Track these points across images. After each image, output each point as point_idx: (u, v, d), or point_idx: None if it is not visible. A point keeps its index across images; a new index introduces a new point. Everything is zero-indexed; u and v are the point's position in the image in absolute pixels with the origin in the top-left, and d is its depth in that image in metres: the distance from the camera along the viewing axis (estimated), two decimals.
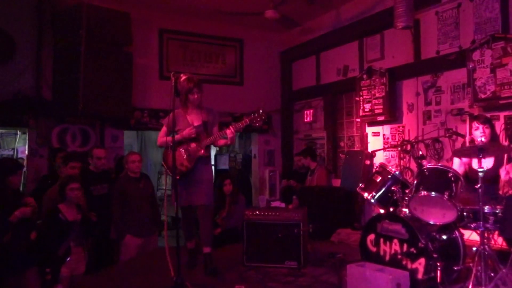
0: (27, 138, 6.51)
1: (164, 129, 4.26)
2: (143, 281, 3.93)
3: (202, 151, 4.07)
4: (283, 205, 5.34)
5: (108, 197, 5.14)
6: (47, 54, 6.34)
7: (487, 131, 4.01)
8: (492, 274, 3.36)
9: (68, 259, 4.09)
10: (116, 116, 6.71)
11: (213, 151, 10.01)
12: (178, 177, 3.99)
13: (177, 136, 3.99)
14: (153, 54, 7.44)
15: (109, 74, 6.19)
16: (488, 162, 3.60)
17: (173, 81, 3.81)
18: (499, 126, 4.81)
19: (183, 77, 4.06)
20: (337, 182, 7.10)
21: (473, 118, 4.24)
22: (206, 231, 4.20)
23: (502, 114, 4.84)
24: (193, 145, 4.09)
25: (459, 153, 4.17)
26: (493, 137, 4.06)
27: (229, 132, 3.99)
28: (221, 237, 5.49)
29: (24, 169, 6.06)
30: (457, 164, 4.20)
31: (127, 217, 5.03)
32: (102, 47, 6.15)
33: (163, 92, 6.92)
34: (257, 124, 4.07)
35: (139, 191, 5.12)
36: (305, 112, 8.13)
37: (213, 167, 4.88)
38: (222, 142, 4.16)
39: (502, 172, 3.93)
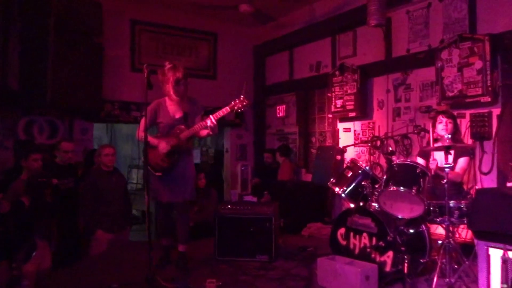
0: None
1: (144, 120, 3.99)
2: (113, 276, 3.87)
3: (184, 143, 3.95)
4: (255, 199, 5.37)
5: (74, 191, 5.03)
6: (14, 42, 6.11)
7: (450, 125, 4.12)
8: (456, 266, 3.50)
9: (34, 253, 3.99)
10: (85, 108, 6.55)
11: None
12: (159, 174, 3.90)
13: (153, 140, 3.92)
14: (125, 46, 7.29)
15: (78, 64, 6.03)
16: (452, 158, 3.71)
17: (145, 73, 3.72)
18: (465, 123, 4.97)
19: (168, 66, 3.91)
20: (308, 177, 7.18)
21: (439, 112, 4.36)
22: (185, 228, 4.16)
23: (468, 112, 5.00)
24: (173, 140, 3.94)
25: (422, 154, 4.29)
26: (455, 132, 4.18)
27: (210, 121, 3.82)
28: (193, 231, 5.45)
29: None
30: (421, 159, 4.30)
31: (98, 212, 4.94)
32: (71, 37, 5.98)
33: (134, 85, 6.84)
34: (239, 110, 3.88)
35: (112, 185, 5.04)
36: (278, 107, 8.17)
37: None
38: (204, 133, 4.00)
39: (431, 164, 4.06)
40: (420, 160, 4.22)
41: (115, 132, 10.23)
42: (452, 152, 3.68)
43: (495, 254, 2.76)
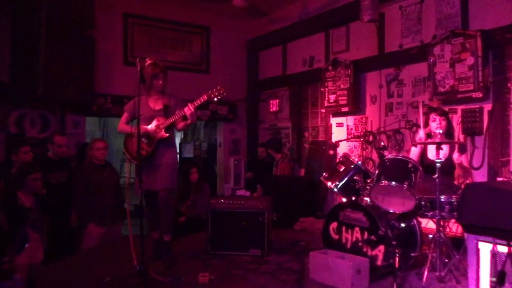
0: None
1: (125, 115, 4.20)
2: (105, 270, 3.87)
3: (162, 132, 4.00)
4: (248, 193, 5.38)
5: (67, 185, 5.01)
6: (4, 35, 6.05)
7: (444, 123, 4.16)
8: (446, 260, 3.54)
9: (26, 245, 3.97)
10: (77, 102, 6.52)
11: (178, 139, 9.92)
12: (136, 162, 3.92)
13: (131, 128, 4.02)
14: (117, 39, 7.24)
15: (70, 57, 5.99)
16: (443, 153, 3.75)
17: (139, 67, 3.72)
18: (456, 119, 5.01)
19: (148, 62, 3.98)
20: (301, 172, 7.21)
21: (431, 110, 4.39)
22: (167, 217, 4.14)
23: (459, 108, 5.03)
24: (152, 128, 4.03)
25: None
26: (449, 129, 4.22)
27: (187, 109, 3.93)
28: (186, 226, 5.48)
29: None
30: (413, 154, 4.34)
31: (90, 206, 4.93)
32: (63, 30, 5.93)
33: (127, 78, 6.80)
34: (214, 99, 3.97)
35: (104, 179, 5.03)
36: (271, 101, 8.17)
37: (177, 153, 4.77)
38: (182, 124, 4.10)
39: (455, 155, 4.10)
40: (414, 149, 4.25)
41: (107, 126, 10.18)
42: (443, 147, 3.72)
43: (485, 248, 2.79)
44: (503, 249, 2.66)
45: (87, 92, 6.41)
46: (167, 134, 4.07)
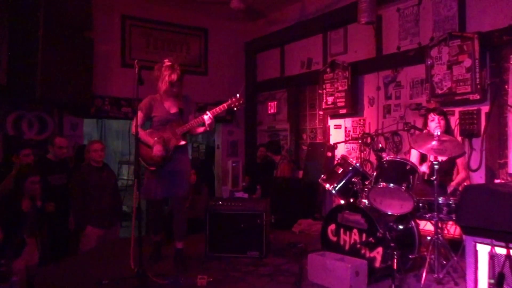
0: None
1: (140, 115, 3.95)
2: (103, 272, 3.86)
3: (180, 140, 3.91)
4: (246, 195, 5.37)
5: (66, 187, 5.00)
6: (2, 36, 6.04)
7: (442, 122, 4.16)
8: (444, 262, 3.54)
9: (23, 250, 3.96)
10: (75, 103, 6.51)
11: None
12: (153, 168, 3.85)
13: (147, 138, 3.85)
14: (115, 41, 7.25)
15: (68, 59, 5.98)
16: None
17: (136, 69, 3.68)
18: (454, 121, 5.02)
19: (167, 63, 3.88)
20: (299, 174, 7.20)
21: (430, 110, 4.40)
22: (181, 224, 4.11)
23: (457, 110, 5.05)
24: (168, 134, 3.91)
25: (416, 144, 4.31)
26: (447, 129, 4.23)
27: (207, 118, 3.81)
28: None
29: None
30: (414, 156, 4.34)
31: (88, 208, 4.92)
32: (61, 31, 5.92)
33: (125, 80, 6.79)
34: (235, 108, 3.90)
35: (102, 181, 5.01)
36: (269, 103, 8.18)
37: None
38: (200, 129, 3.99)
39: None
40: (415, 153, 4.25)
41: (105, 128, 10.16)
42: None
43: (483, 250, 2.79)
44: (501, 251, 2.66)
45: (85, 93, 6.40)
46: (185, 141, 3.98)
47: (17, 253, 3.88)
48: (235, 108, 3.92)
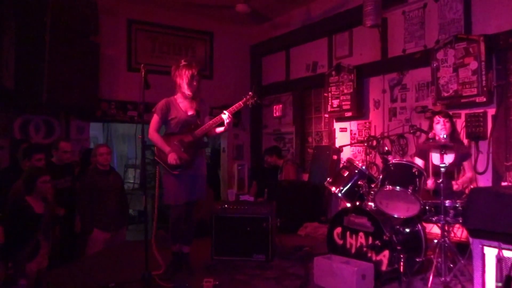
0: None
1: (156, 118, 3.89)
2: (110, 275, 3.88)
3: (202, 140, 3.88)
4: (252, 199, 5.38)
5: (71, 190, 5.03)
6: (9, 41, 6.08)
7: (448, 125, 4.11)
8: (451, 265, 3.52)
9: (39, 253, 3.98)
10: (81, 107, 6.54)
11: None
12: (177, 172, 3.79)
13: (165, 149, 3.77)
14: (121, 45, 7.28)
15: (74, 63, 6.02)
16: (449, 158, 3.73)
17: (143, 72, 3.70)
18: (460, 123, 5.00)
19: (183, 63, 3.90)
20: (305, 177, 7.20)
21: (435, 113, 4.39)
22: (192, 228, 4.08)
23: (463, 112, 5.03)
24: (188, 137, 3.86)
25: (420, 153, 4.30)
26: (453, 132, 4.21)
27: (226, 117, 3.80)
28: None
29: None
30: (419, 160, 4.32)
31: (95, 211, 4.94)
32: (67, 36, 5.97)
33: (131, 84, 6.82)
34: (250, 105, 3.96)
35: (108, 184, 5.03)
36: (274, 107, 8.18)
37: None
38: (220, 130, 3.96)
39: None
40: (418, 161, 4.22)
41: (111, 131, 10.20)
42: (448, 151, 3.70)
43: (490, 253, 2.78)
44: (509, 254, 2.65)
45: (91, 97, 6.44)
46: (205, 145, 4.01)
47: (32, 256, 3.89)
48: (250, 105, 3.96)
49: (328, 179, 4.36)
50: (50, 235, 4.24)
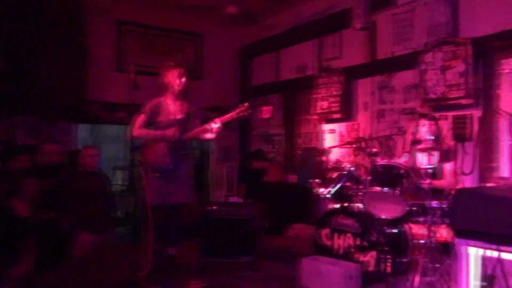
0: None
1: (142, 117, 3.85)
2: (96, 278, 3.83)
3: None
4: (240, 200, 5.37)
5: (57, 192, 4.97)
6: None
7: (434, 127, 4.15)
8: (437, 265, 3.54)
9: (23, 256, 3.93)
10: (69, 109, 6.49)
11: None
12: (158, 174, 3.78)
13: (158, 132, 3.79)
14: (110, 46, 7.23)
15: (62, 64, 5.98)
16: (434, 159, 3.77)
17: (132, 74, 3.67)
18: (447, 125, 5.04)
19: (172, 63, 3.93)
20: (293, 178, 7.21)
21: (421, 115, 4.41)
22: (178, 230, 4.05)
23: (450, 114, 5.07)
24: (175, 140, 3.85)
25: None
26: (439, 135, 4.24)
27: (216, 127, 3.81)
28: None
29: None
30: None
31: (81, 213, 4.89)
32: (54, 37, 5.92)
33: (119, 85, 6.77)
34: (243, 117, 3.92)
35: (95, 186, 4.99)
36: (263, 108, 8.18)
37: None
38: (208, 136, 3.95)
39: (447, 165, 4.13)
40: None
41: (99, 133, 10.12)
42: (434, 153, 3.74)
43: (474, 253, 2.80)
44: (492, 253, 2.67)
45: (79, 99, 6.39)
46: (190, 150, 3.96)
47: (15, 259, 3.84)
48: (243, 117, 3.91)
49: (316, 180, 4.37)
50: (36, 238, 4.19)
